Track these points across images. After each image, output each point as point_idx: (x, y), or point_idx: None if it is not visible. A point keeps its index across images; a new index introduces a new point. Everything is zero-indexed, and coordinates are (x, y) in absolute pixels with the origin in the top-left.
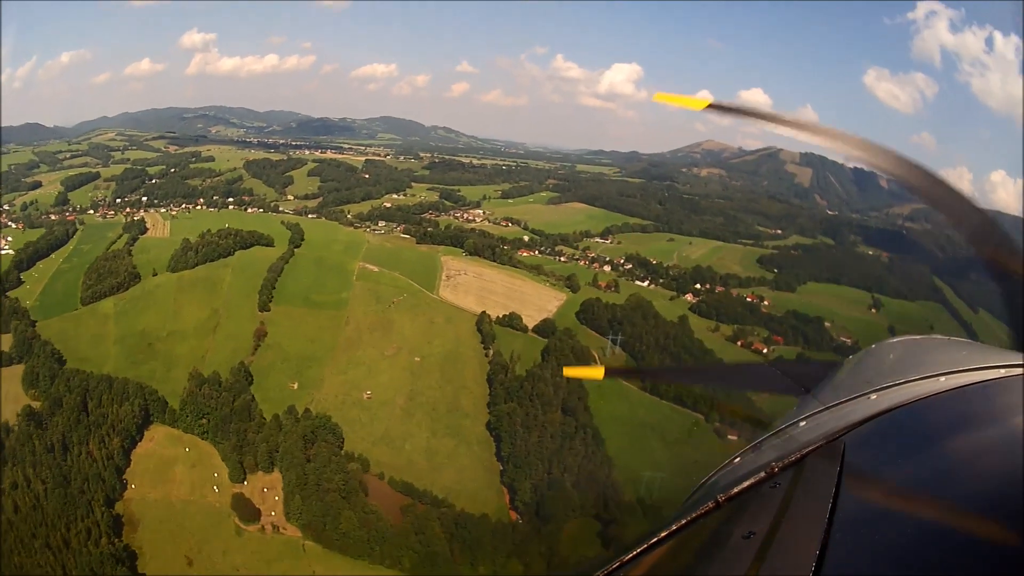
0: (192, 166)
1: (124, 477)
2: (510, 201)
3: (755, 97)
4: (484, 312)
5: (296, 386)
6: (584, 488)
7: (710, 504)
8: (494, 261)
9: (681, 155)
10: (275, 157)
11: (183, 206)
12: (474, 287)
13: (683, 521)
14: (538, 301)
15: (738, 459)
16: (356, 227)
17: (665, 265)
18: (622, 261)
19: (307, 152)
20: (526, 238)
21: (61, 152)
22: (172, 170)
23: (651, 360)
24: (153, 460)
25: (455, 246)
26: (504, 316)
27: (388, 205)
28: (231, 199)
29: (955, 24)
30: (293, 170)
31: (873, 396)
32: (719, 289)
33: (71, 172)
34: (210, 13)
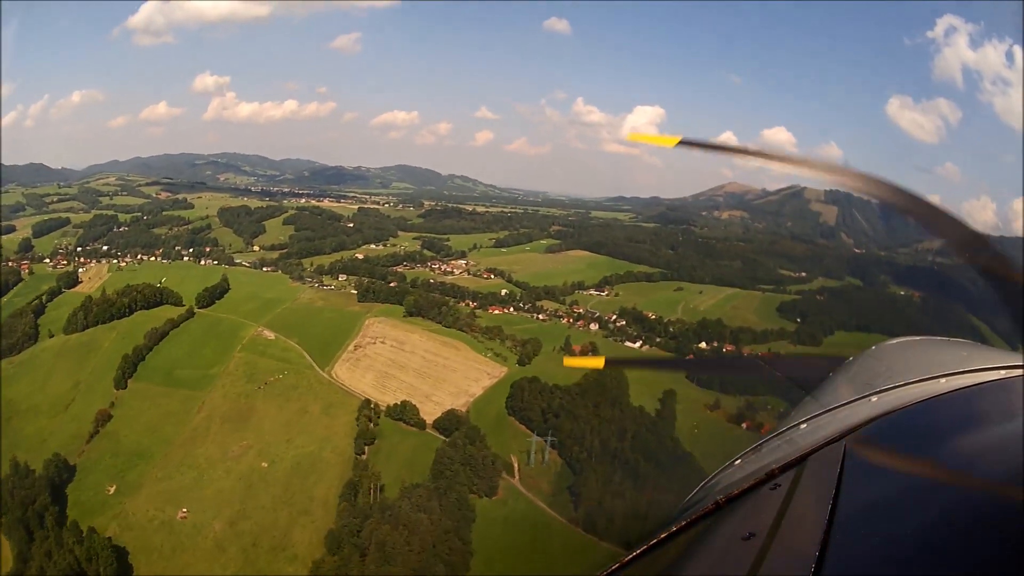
0: (165, 213)
1: None
2: (503, 250)
3: (778, 136)
4: (369, 401)
5: (113, 490)
6: None
7: (710, 505)
8: (438, 322)
9: (704, 199)
10: (254, 204)
11: (139, 256)
12: (381, 361)
13: (683, 522)
14: (462, 381)
15: (739, 460)
16: (307, 282)
17: (665, 320)
18: (614, 317)
19: (302, 200)
20: (505, 292)
21: (49, 195)
22: (145, 217)
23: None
24: None
25: (398, 303)
26: (396, 406)
27: (360, 256)
28: (190, 249)
29: (975, 39)
30: (271, 218)
31: (874, 398)
32: (727, 348)
33: (46, 217)
34: (223, 55)
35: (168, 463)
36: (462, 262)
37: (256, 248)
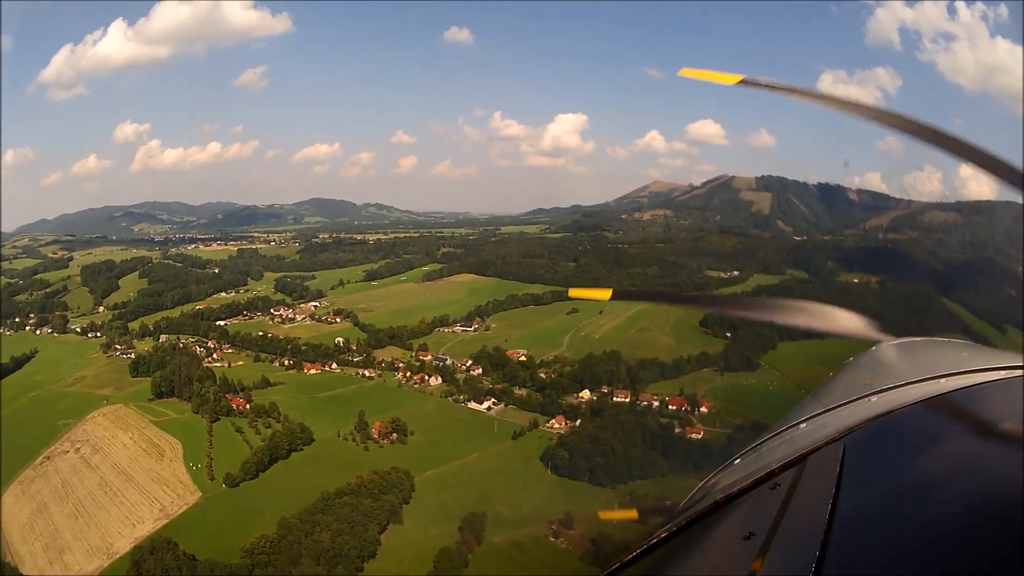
0: (37, 277)
1: None
2: (374, 283)
3: (706, 129)
4: None
5: None
6: None
7: (710, 504)
8: (190, 401)
9: (627, 201)
10: (121, 258)
11: None
12: (52, 484)
13: (683, 521)
14: (118, 522)
15: (738, 460)
16: (110, 352)
17: (539, 361)
18: (467, 364)
19: (188, 247)
20: (339, 340)
21: None
22: (20, 282)
23: None
24: None
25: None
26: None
27: (200, 307)
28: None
29: None
30: (131, 272)
31: (874, 398)
32: (620, 396)
33: None
34: (136, 102)
35: None
36: (313, 304)
37: (101, 309)
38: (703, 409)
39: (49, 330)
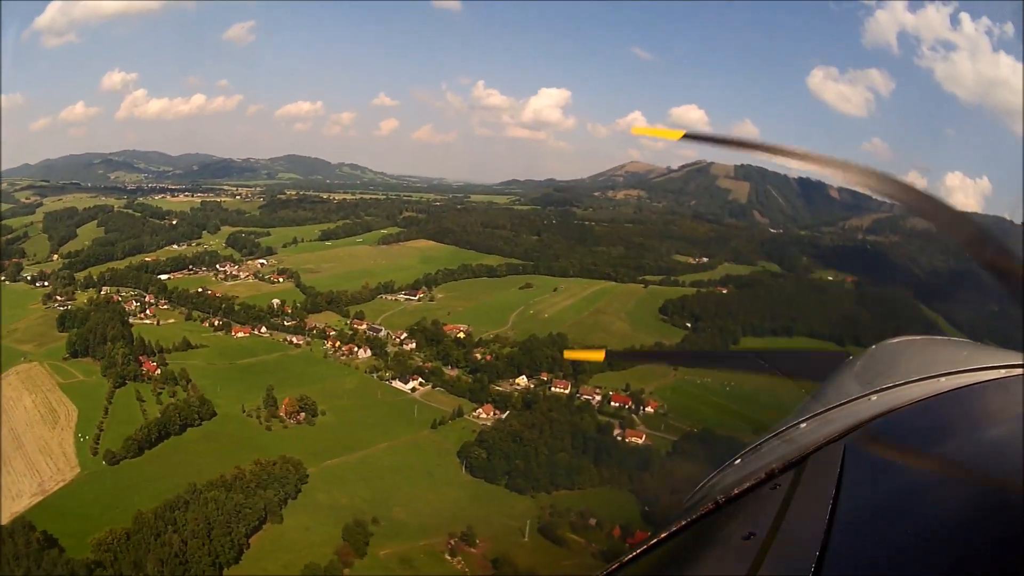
0: (3, 223)
1: None
2: (328, 244)
3: (689, 114)
4: None
5: None
6: None
7: (710, 504)
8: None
9: (602, 179)
10: (83, 206)
11: None
12: None
13: (683, 521)
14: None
15: (739, 460)
16: (49, 303)
17: (477, 340)
18: (402, 336)
19: (155, 197)
20: (277, 302)
21: None
22: None
23: None
24: None
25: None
26: None
27: (149, 259)
28: None
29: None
30: (91, 221)
31: (874, 397)
32: (559, 387)
33: None
34: (125, 51)
35: None
36: (260, 262)
37: (55, 258)
38: (648, 409)
39: (3, 277)
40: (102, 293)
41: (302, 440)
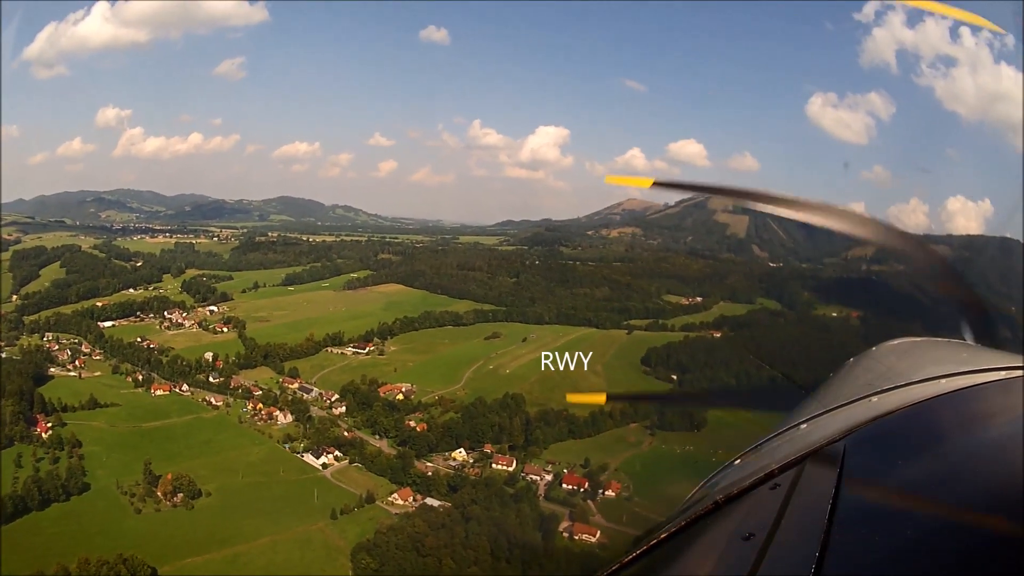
0: None
1: None
2: (290, 288)
3: (687, 149)
4: None
5: None
6: None
7: (710, 505)
8: None
9: (598, 218)
10: (52, 245)
11: None
12: None
13: (683, 522)
14: None
15: (738, 460)
16: None
17: (417, 402)
18: (333, 398)
19: (135, 238)
20: (208, 357)
21: None
22: None
23: None
24: None
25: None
26: None
27: (100, 304)
28: None
29: (911, 15)
30: (56, 261)
31: (874, 398)
32: (501, 463)
33: None
34: (116, 86)
35: None
36: (210, 309)
37: (14, 299)
38: (609, 492)
39: None
40: (45, 339)
41: (169, 527)
